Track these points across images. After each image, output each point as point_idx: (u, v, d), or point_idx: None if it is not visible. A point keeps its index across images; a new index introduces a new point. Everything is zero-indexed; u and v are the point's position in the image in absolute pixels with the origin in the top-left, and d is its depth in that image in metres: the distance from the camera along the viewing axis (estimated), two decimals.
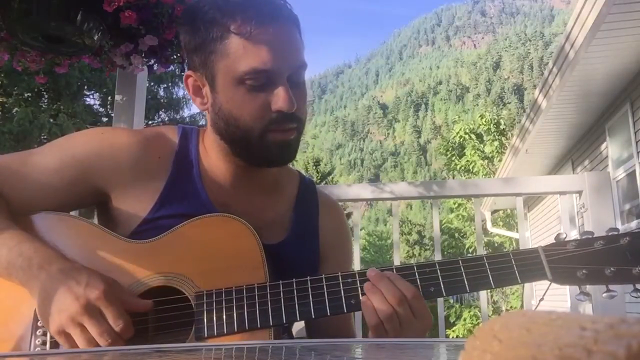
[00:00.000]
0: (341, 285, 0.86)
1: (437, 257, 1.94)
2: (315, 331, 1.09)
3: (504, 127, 17.84)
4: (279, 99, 0.86)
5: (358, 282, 0.86)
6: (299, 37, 0.92)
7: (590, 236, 0.86)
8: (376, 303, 0.83)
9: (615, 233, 0.85)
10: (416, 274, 0.86)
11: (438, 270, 0.87)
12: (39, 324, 0.84)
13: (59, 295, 0.79)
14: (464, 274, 0.86)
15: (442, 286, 0.86)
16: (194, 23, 0.90)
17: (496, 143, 16.97)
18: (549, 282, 0.87)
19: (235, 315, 0.84)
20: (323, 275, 0.87)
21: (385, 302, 0.82)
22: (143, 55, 1.86)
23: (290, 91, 0.87)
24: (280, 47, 0.87)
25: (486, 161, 17.07)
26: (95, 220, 1.04)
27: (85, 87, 12.60)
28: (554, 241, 0.88)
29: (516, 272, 0.86)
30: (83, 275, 0.81)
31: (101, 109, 13.72)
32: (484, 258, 0.87)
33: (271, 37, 0.86)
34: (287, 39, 0.89)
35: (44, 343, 0.84)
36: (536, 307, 0.91)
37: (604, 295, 0.84)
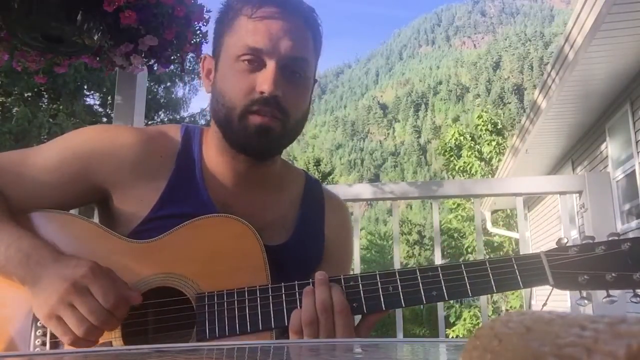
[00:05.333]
0: (344, 289, 0.85)
1: (437, 256, 1.95)
2: None
3: (502, 127, 17.80)
4: (263, 80, 0.87)
5: (360, 285, 0.86)
6: (307, 35, 0.93)
7: (592, 241, 0.86)
8: (304, 304, 0.82)
9: (616, 238, 0.85)
10: (418, 277, 0.86)
11: (440, 275, 0.86)
12: (38, 323, 0.83)
13: (48, 281, 0.78)
14: (466, 278, 0.86)
15: (444, 290, 0.85)
16: (221, 10, 0.97)
17: (494, 144, 16.94)
18: (551, 288, 0.86)
19: (237, 317, 0.84)
20: None
21: (313, 306, 0.82)
22: (143, 55, 1.86)
23: (277, 76, 0.88)
24: (279, 32, 0.89)
25: (483, 162, 17.05)
26: (96, 219, 1.04)
27: (85, 87, 12.58)
28: (556, 246, 0.87)
29: (518, 277, 0.85)
30: (73, 259, 0.81)
31: (101, 109, 13.70)
32: (486, 263, 0.87)
33: (273, 21, 0.89)
34: (289, 28, 0.90)
35: (43, 343, 0.83)
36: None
37: (604, 300, 0.84)
